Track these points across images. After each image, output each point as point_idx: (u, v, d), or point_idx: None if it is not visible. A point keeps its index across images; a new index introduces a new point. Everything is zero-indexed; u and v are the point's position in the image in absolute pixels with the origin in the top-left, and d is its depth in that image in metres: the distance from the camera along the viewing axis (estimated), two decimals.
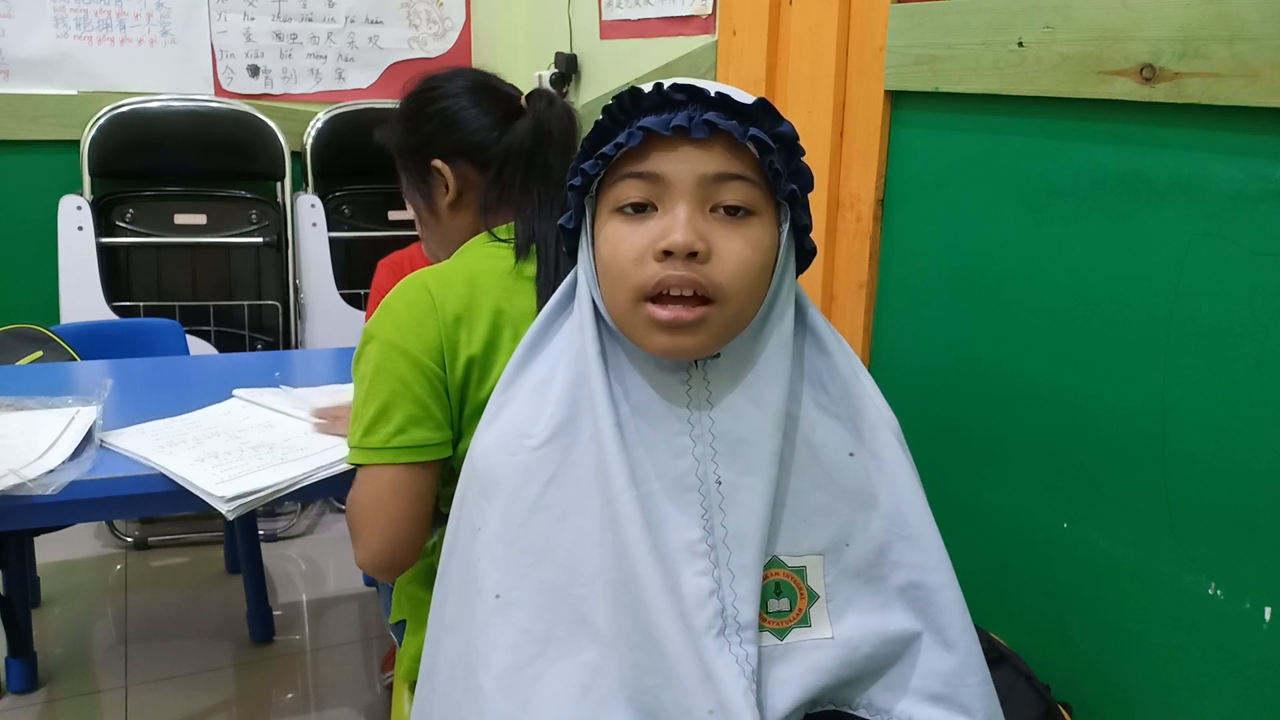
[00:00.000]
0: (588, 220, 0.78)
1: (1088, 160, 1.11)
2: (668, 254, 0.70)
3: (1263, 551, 0.95)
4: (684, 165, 0.71)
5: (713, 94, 0.72)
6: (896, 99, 1.40)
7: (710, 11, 1.87)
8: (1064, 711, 1.14)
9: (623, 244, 0.73)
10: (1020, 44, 1.15)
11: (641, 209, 0.73)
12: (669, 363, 0.76)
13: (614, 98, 0.74)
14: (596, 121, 0.75)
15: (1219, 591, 0.99)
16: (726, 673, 0.69)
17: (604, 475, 0.73)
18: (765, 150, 0.72)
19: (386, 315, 1.03)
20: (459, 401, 1.04)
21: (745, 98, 0.72)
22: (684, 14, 1.96)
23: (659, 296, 0.72)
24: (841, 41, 1.47)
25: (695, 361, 0.76)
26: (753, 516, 0.73)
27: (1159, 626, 1.06)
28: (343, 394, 1.45)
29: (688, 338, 0.72)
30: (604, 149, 0.73)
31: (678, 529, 0.73)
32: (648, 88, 0.73)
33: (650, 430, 0.75)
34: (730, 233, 0.72)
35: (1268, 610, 0.95)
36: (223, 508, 1.10)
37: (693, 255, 0.70)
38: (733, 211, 0.72)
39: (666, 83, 0.72)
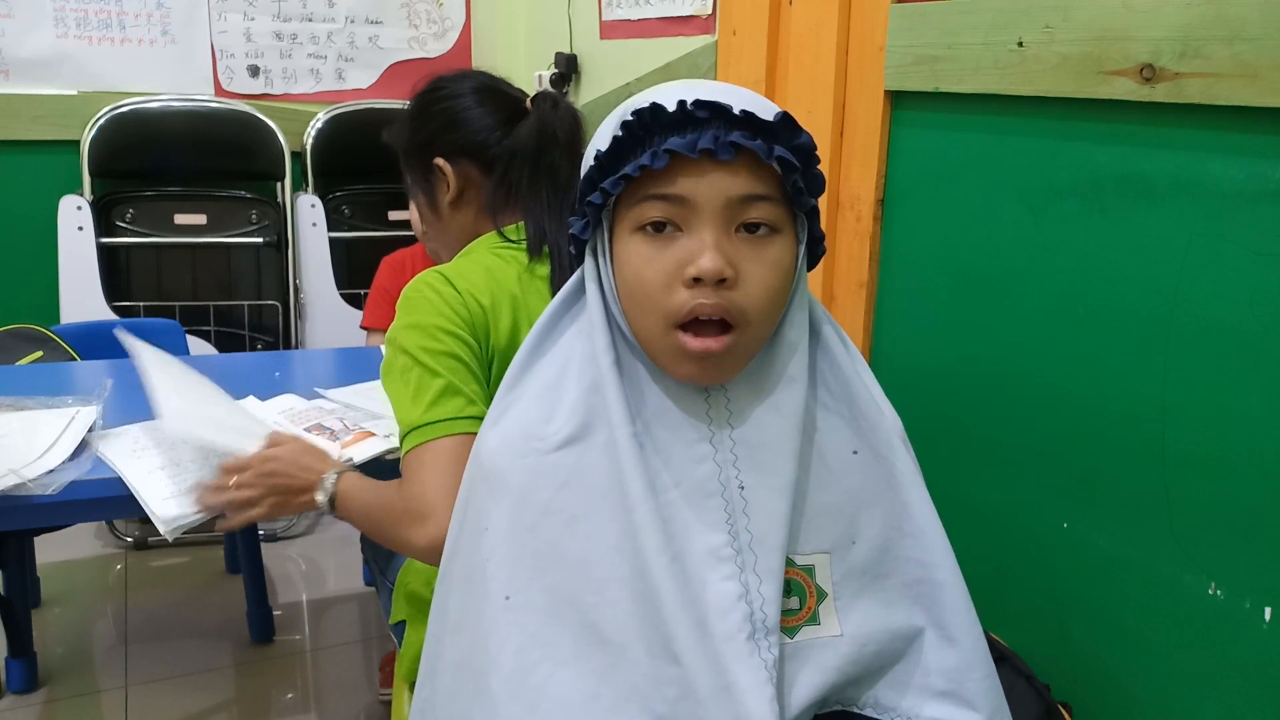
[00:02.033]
0: (603, 231, 0.77)
1: (1088, 160, 1.11)
2: (696, 280, 0.70)
3: (1263, 551, 0.95)
4: (710, 188, 0.70)
5: (737, 111, 0.70)
6: (896, 99, 1.40)
7: (710, 11, 1.87)
8: (1064, 711, 1.14)
9: (648, 268, 0.72)
10: (1020, 44, 1.15)
11: (662, 227, 0.72)
12: None
13: (633, 113, 0.72)
14: (615, 137, 0.73)
15: (1219, 591, 0.99)
16: (754, 680, 0.69)
17: (620, 486, 0.73)
18: (789, 169, 0.72)
19: (420, 304, 1.02)
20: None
21: (767, 113, 0.71)
22: (684, 14, 1.96)
23: (689, 323, 0.72)
24: (841, 41, 1.47)
25: None
26: (776, 518, 0.73)
27: (1159, 626, 1.06)
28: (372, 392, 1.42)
29: (716, 369, 0.73)
30: (626, 169, 0.72)
31: (701, 535, 0.73)
32: (671, 105, 0.71)
33: (668, 437, 0.75)
34: (754, 255, 0.72)
35: (1268, 610, 0.95)
36: (162, 528, 1.10)
37: (721, 281, 0.70)
38: (754, 228, 0.72)
39: (689, 99, 0.71)
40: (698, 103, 0.70)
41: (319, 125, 2.56)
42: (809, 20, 1.53)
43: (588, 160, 0.77)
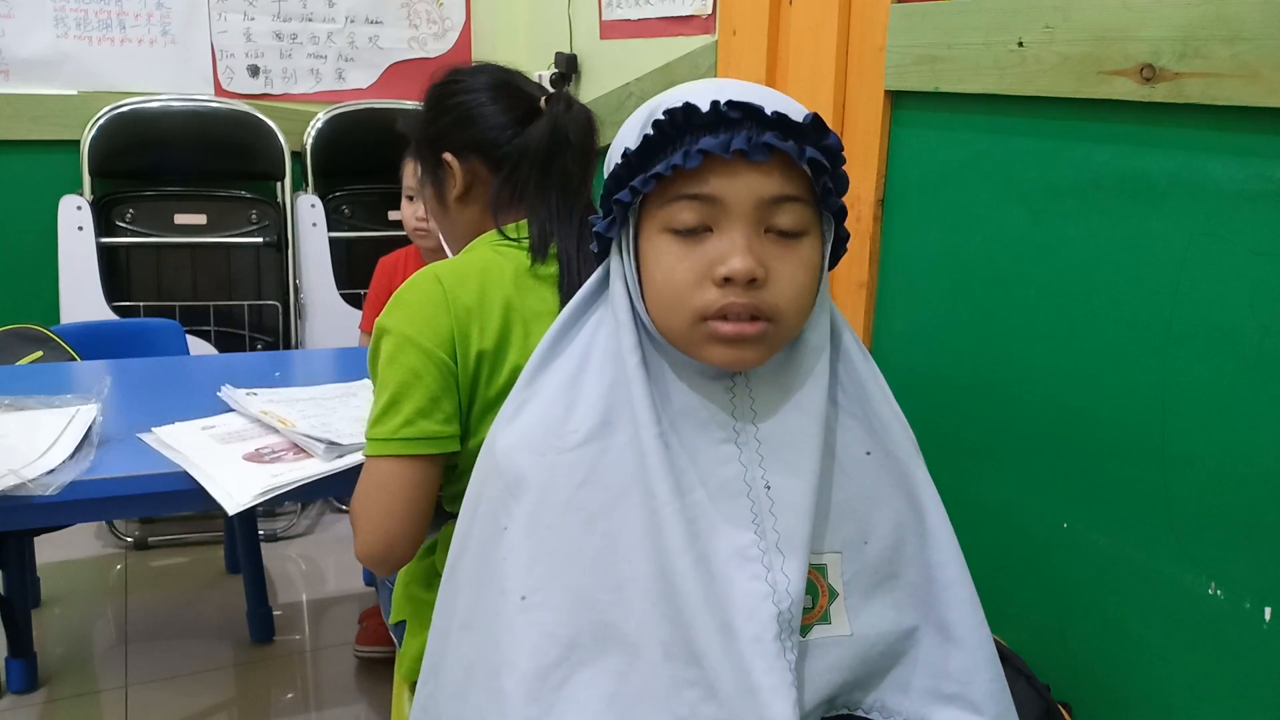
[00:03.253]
0: (629, 230, 0.76)
1: (1088, 160, 1.11)
2: (727, 280, 0.70)
3: (1263, 551, 0.95)
4: (742, 188, 0.70)
5: (769, 112, 0.70)
6: (896, 99, 1.40)
7: (710, 11, 1.87)
8: (1064, 711, 1.13)
9: (678, 268, 0.72)
10: (1020, 44, 1.15)
11: (694, 229, 0.72)
12: (713, 371, 0.76)
13: (665, 111, 0.72)
14: (645, 136, 0.73)
15: (1219, 591, 0.99)
16: (778, 682, 0.69)
17: (645, 486, 0.73)
18: (819, 171, 0.72)
19: (400, 308, 1.03)
20: (469, 397, 1.03)
21: (798, 114, 0.71)
22: (684, 14, 1.96)
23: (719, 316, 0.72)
24: (841, 41, 1.47)
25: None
26: (802, 518, 0.73)
27: (1159, 626, 1.06)
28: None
29: (750, 351, 0.72)
30: (658, 168, 0.71)
31: (728, 535, 0.73)
32: (704, 105, 0.71)
33: (695, 437, 0.75)
34: (785, 255, 0.72)
35: (1268, 610, 0.95)
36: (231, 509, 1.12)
37: (751, 281, 0.70)
38: (785, 233, 0.72)
39: (722, 100, 0.71)
40: (731, 103, 0.70)
41: (319, 125, 2.56)
42: (809, 20, 1.53)
43: (613, 158, 0.76)
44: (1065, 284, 1.14)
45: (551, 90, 1.18)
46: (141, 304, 2.41)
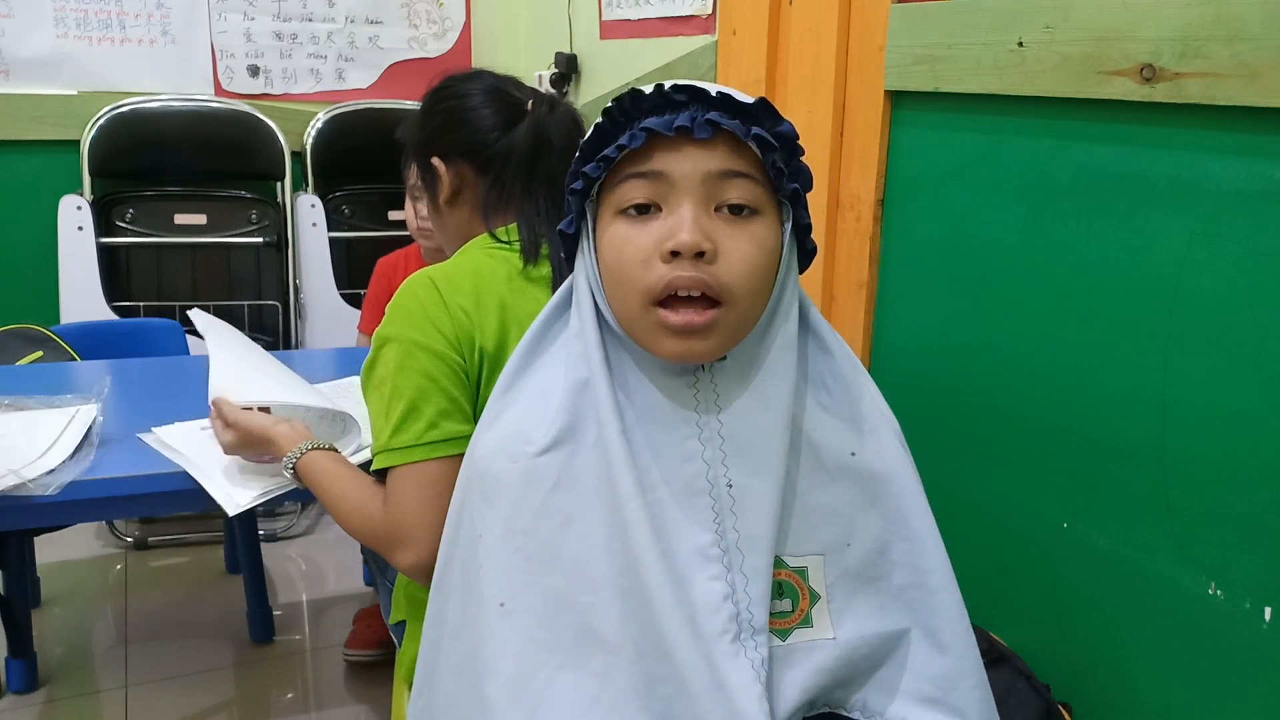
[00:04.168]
0: (589, 224, 0.77)
1: (1088, 160, 1.11)
2: (675, 254, 0.70)
3: (1263, 551, 0.95)
4: (688, 164, 0.71)
5: (714, 94, 0.72)
6: (896, 99, 1.40)
7: (710, 11, 1.87)
8: (1064, 711, 1.14)
9: (628, 246, 0.72)
10: (1020, 44, 1.15)
11: (645, 210, 0.72)
12: (675, 366, 0.75)
13: (613, 99, 0.74)
14: (596, 124, 0.75)
15: (1219, 591, 0.99)
16: (741, 679, 0.69)
17: (610, 483, 0.73)
18: (768, 149, 0.72)
19: (399, 315, 1.02)
20: (476, 394, 1.03)
21: (745, 98, 0.72)
22: (684, 14, 1.96)
23: (668, 300, 0.71)
24: (841, 41, 1.47)
25: (702, 364, 0.75)
26: (764, 518, 0.73)
27: (1159, 626, 1.06)
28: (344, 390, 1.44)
29: (700, 342, 0.72)
30: (605, 151, 0.73)
31: (688, 534, 0.73)
32: (648, 89, 0.73)
33: (658, 434, 0.75)
34: (736, 232, 0.72)
35: (1268, 610, 0.95)
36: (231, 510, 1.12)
37: (700, 255, 0.70)
38: (737, 210, 0.72)
39: (667, 84, 0.72)
40: (675, 87, 0.72)
41: (319, 125, 2.56)
42: (809, 20, 1.53)
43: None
44: (1065, 284, 1.14)
45: (552, 92, 1.18)
46: (141, 304, 2.41)
